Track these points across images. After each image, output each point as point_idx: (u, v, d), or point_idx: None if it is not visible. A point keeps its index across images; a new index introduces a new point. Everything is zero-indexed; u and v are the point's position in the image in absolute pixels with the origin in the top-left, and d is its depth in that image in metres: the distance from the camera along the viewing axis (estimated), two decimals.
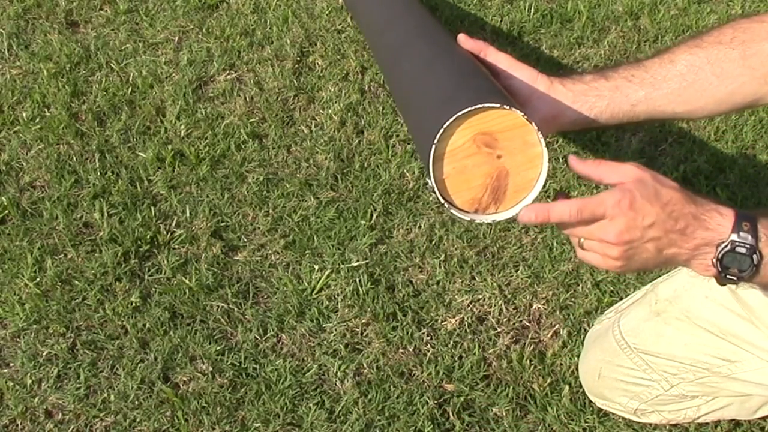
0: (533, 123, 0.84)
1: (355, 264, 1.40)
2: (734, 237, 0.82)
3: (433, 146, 0.82)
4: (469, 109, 0.82)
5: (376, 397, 1.24)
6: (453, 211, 0.86)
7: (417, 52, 1.03)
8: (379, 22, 1.24)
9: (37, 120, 1.61)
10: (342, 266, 1.39)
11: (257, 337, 1.31)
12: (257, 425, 1.20)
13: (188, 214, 1.46)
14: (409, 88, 0.98)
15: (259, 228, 1.45)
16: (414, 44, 1.06)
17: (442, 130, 0.82)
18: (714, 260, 0.83)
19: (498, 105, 0.82)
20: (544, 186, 0.87)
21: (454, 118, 0.82)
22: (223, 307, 1.34)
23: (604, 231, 0.82)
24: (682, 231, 0.82)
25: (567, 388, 1.25)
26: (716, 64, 0.95)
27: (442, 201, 0.85)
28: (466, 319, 1.34)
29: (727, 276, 0.84)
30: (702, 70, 0.95)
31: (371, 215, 1.48)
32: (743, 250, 0.82)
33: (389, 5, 1.26)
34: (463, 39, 1.00)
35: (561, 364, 1.29)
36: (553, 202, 0.84)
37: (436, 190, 0.85)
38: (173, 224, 1.45)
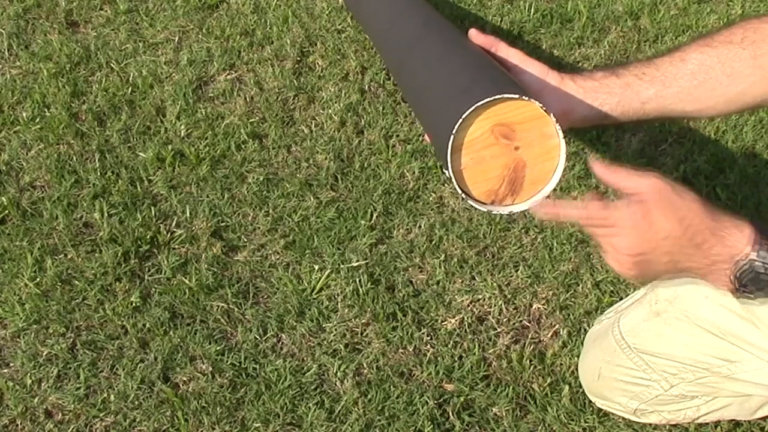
0: (551, 114, 0.84)
1: (355, 264, 1.40)
2: (753, 255, 0.81)
3: (452, 137, 0.82)
4: (488, 99, 0.81)
5: (376, 397, 1.24)
6: (470, 201, 0.86)
7: (429, 46, 1.03)
8: (386, 18, 1.24)
9: (37, 120, 1.61)
10: (342, 266, 1.39)
11: (257, 337, 1.31)
12: (257, 425, 1.20)
13: (188, 214, 1.46)
14: (423, 80, 0.98)
15: (259, 228, 1.45)
16: (425, 38, 1.05)
17: (461, 121, 0.82)
18: (732, 277, 0.83)
19: (517, 96, 0.82)
20: (561, 178, 0.87)
21: (473, 108, 0.81)
22: (223, 307, 1.34)
23: (618, 240, 0.82)
24: (698, 246, 0.82)
25: (567, 388, 1.25)
26: (727, 63, 0.95)
27: (460, 192, 0.85)
28: (466, 319, 1.34)
29: (745, 292, 0.84)
30: (713, 69, 0.95)
31: (371, 215, 1.48)
32: (762, 270, 0.82)
33: (394, 2, 1.26)
34: (474, 34, 1.01)
35: (561, 364, 1.29)
36: (565, 204, 0.84)
37: (454, 180, 0.85)
38: (173, 224, 1.45)
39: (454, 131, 0.82)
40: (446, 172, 0.85)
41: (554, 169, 0.87)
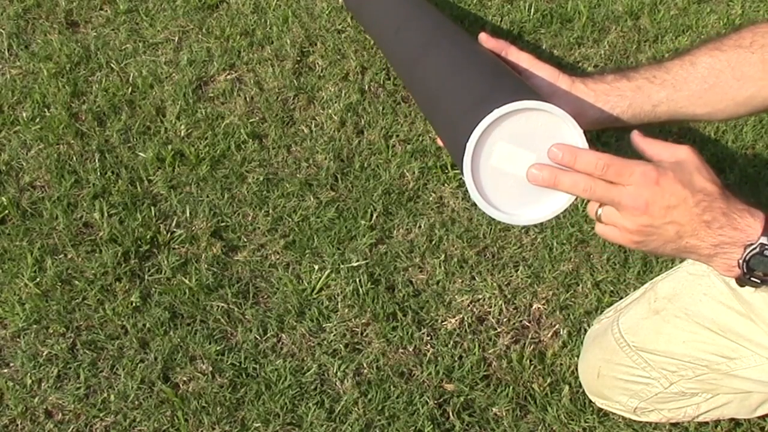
0: None
1: (355, 264, 1.40)
2: (764, 240, 0.81)
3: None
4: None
5: (376, 397, 1.24)
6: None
7: (442, 51, 1.02)
8: (393, 21, 1.23)
9: (37, 120, 1.61)
10: (342, 266, 1.39)
11: (257, 337, 1.31)
12: (257, 425, 1.20)
13: (188, 214, 1.46)
14: (437, 87, 0.97)
15: (259, 228, 1.45)
16: (437, 43, 1.05)
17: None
18: (740, 261, 0.82)
19: None
20: None
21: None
22: (223, 307, 1.34)
23: (627, 199, 0.81)
24: (707, 224, 0.81)
25: (567, 388, 1.25)
26: (737, 67, 0.95)
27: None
28: (466, 319, 1.34)
29: (751, 278, 0.84)
30: (723, 73, 0.96)
31: (371, 215, 1.48)
32: None
33: (401, 4, 1.26)
34: (484, 38, 1.00)
35: (561, 364, 1.29)
36: (584, 149, 0.83)
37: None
38: (173, 224, 1.45)
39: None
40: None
41: None
